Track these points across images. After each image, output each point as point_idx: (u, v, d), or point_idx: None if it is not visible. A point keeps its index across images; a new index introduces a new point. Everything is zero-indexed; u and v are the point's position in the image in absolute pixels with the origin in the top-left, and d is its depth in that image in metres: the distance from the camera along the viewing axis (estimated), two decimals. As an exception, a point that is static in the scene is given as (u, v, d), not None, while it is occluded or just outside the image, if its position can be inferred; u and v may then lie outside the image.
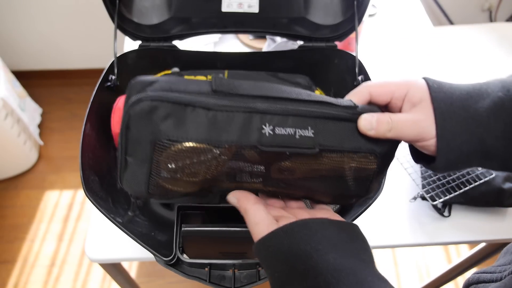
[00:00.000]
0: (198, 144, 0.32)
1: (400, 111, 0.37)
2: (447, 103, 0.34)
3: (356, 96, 0.38)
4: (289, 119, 0.33)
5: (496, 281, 0.40)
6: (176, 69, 0.74)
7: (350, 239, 0.34)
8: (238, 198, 0.37)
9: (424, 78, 0.37)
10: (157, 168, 0.33)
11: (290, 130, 0.33)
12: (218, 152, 0.32)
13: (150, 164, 0.33)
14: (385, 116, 0.35)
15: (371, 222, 0.68)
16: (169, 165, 0.32)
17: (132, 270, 1.39)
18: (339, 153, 0.35)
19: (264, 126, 0.33)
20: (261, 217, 0.35)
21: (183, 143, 0.31)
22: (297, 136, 0.33)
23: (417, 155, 0.39)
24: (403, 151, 0.76)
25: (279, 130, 0.33)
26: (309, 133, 0.34)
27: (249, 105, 0.32)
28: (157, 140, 0.31)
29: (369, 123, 0.35)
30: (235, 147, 0.32)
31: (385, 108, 0.38)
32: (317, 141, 0.34)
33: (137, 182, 0.34)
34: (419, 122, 0.34)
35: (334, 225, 0.34)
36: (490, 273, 0.42)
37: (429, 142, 0.35)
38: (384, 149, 0.36)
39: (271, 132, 0.33)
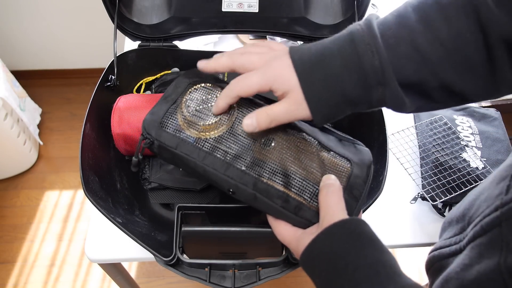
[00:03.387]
0: (215, 86, 0.47)
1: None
2: (308, 72, 0.38)
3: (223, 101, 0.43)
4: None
5: (456, 253, 0.41)
6: (176, 69, 0.73)
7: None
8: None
9: (290, 53, 0.40)
10: (180, 104, 0.46)
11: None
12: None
13: (176, 99, 0.46)
14: (262, 112, 0.40)
15: (371, 222, 0.68)
16: (189, 103, 0.46)
17: (132, 270, 1.39)
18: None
19: (257, 99, 0.47)
20: (291, 230, 0.42)
21: (208, 83, 0.47)
22: None
23: None
24: (403, 152, 0.76)
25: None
26: None
27: None
28: (192, 81, 0.47)
29: (250, 124, 0.40)
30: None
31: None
32: None
33: (157, 114, 0.45)
34: (291, 108, 0.39)
35: (360, 221, 0.39)
36: (447, 246, 0.43)
37: (303, 112, 0.39)
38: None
39: (260, 101, 0.47)
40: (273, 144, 0.44)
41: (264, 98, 0.48)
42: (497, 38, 0.36)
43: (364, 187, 0.43)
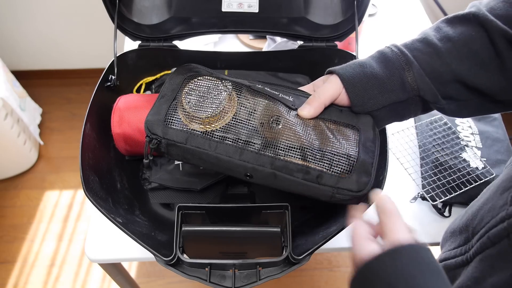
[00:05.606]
0: (212, 77, 0.49)
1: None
2: (348, 73, 0.48)
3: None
4: (275, 87, 0.50)
5: (463, 264, 0.41)
6: (176, 69, 0.74)
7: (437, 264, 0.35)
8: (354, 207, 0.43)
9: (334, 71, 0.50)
10: (180, 100, 0.47)
11: (275, 91, 0.49)
12: (224, 85, 0.48)
13: (175, 96, 0.47)
14: (313, 97, 0.48)
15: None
16: (189, 98, 0.47)
17: (132, 270, 1.39)
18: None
19: (257, 85, 0.50)
20: (364, 235, 0.38)
21: (204, 76, 0.49)
22: (280, 95, 0.49)
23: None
24: (403, 152, 0.76)
25: (268, 88, 0.49)
26: (289, 98, 0.49)
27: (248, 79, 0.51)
28: (187, 76, 0.49)
29: (307, 109, 0.47)
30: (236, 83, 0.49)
31: None
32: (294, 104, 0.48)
33: (159, 113, 0.46)
34: (333, 85, 0.48)
35: (429, 250, 0.36)
36: (452, 258, 0.43)
37: (342, 93, 0.48)
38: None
39: (261, 86, 0.49)
40: (280, 125, 0.46)
41: (263, 83, 0.51)
42: (498, 34, 0.41)
43: (375, 146, 0.47)
